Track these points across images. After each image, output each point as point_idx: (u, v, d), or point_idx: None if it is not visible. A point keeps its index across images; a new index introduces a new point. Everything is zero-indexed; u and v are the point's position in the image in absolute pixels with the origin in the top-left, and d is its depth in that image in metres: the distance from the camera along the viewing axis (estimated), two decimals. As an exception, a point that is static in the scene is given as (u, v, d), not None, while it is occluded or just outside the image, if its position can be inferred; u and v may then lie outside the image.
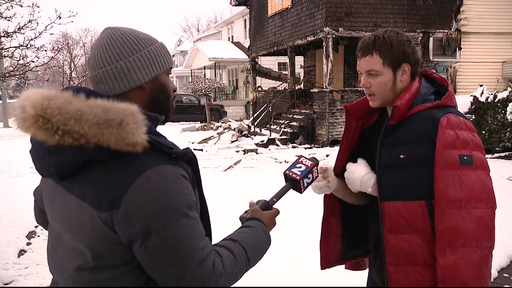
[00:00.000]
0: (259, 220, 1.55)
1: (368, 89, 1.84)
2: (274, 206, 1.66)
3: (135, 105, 1.31)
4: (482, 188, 1.67)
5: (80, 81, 41.23)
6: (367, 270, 2.19)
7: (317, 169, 1.81)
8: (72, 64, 46.82)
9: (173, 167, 1.30)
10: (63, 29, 52.95)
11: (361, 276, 2.33)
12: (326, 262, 2.17)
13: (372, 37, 1.79)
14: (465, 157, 1.67)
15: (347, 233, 2.14)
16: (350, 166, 1.93)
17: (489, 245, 1.66)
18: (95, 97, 1.30)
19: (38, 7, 7.08)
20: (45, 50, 7.68)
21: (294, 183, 1.74)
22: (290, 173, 1.75)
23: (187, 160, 1.38)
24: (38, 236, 6.11)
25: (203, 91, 32.39)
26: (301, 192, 1.75)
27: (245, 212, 1.61)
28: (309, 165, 1.77)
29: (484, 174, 1.70)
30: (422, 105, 1.77)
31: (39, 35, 7.04)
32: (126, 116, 1.26)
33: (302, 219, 6.18)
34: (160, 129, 1.46)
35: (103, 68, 1.37)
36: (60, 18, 6.99)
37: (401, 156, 1.73)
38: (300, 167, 1.77)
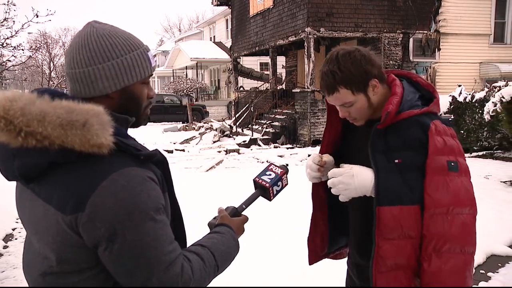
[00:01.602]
0: (228, 226, 1.53)
1: (349, 117, 1.83)
2: (243, 212, 1.65)
3: (101, 106, 1.27)
4: (466, 194, 1.69)
5: (60, 81, 40.69)
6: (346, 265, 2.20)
7: (286, 177, 1.78)
8: (52, 64, 46.22)
9: (140, 169, 1.27)
10: (42, 28, 52.10)
11: (342, 266, 2.33)
12: (315, 257, 2.18)
13: (329, 73, 1.73)
14: (452, 163, 1.69)
15: (333, 227, 2.15)
16: (348, 170, 1.79)
17: (472, 250, 1.69)
18: (60, 99, 1.26)
19: (14, 5, 6.96)
20: (22, 49, 7.56)
21: (263, 190, 1.72)
22: (260, 180, 1.73)
23: (156, 162, 1.35)
24: (16, 239, 6.01)
25: (185, 91, 32.24)
26: (270, 200, 1.73)
27: (214, 218, 1.59)
28: (279, 172, 1.75)
29: (467, 180, 1.72)
30: (410, 111, 1.75)
31: (16, 33, 6.92)
32: (90, 117, 1.23)
33: (288, 217, 6.19)
34: (141, 130, 1.43)
35: (73, 69, 1.34)
36: (37, 17, 6.88)
37: (396, 161, 1.72)
38: (270, 174, 1.74)
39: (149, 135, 18.23)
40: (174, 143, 16.11)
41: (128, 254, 1.22)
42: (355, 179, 1.75)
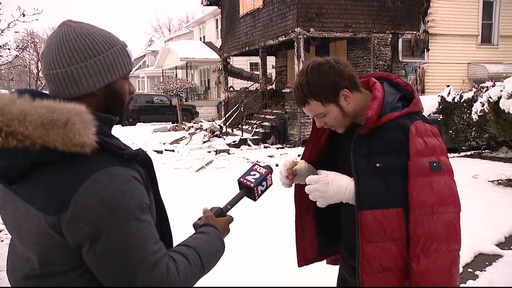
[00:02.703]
0: (214, 227, 1.52)
1: (326, 126, 1.87)
2: (229, 213, 1.65)
3: (83, 105, 1.26)
4: (449, 192, 1.72)
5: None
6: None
7: (271, 177, 1.79)
8: (39, 64, 45.79)
9: (124, 168, 1.26)
10: (29, 27, 51.65)
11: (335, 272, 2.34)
12: (304, 259, 2.18)
13: (299, 86, 1.78)
14: (434, 164, 1.71)
15: (323, 230, 2.14)
16: (323, 177, 1.81)
17: (457, 248, 1.72)
18: (41, 99, 1.24)
19: (0, 3, 6.87)
20: (9, 49, 7.47)
21: (248, 190, 1.73)
22: (244, 181, 1.73)
23: (140, 162, 1.35)
24: (2, 241, 5.97)
25: (174, 91, 32.14)
26: (255, 200, 1.74)
27: (199, 219, 1.59)
28: (263, 172, 1.76)
29: (450, 178, 1.75)
30: (391, 114, 1.76)
31: (1, 32, 6.83)
32: (72, 116, 1.22)
33: (275, 216, 6.20)
34: (131, 130, 1.42)
35: (53, 70, 1.32)
36: (24, 16, 6.80)
37: (377, 165, 1.74)
38: (255, 174, 1.76)
39: (139, 136, 18.16)
40: (164, 144, 16.05)
41: (112, 254, 1.20)
42: (330, 187, 1.78)
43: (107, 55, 1.35)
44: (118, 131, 20.20)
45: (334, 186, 1.78)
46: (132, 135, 17.64)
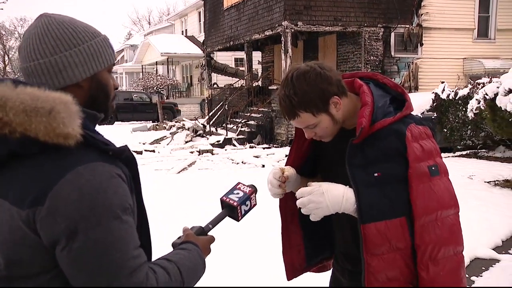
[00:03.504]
0: (195, 244, 1.50)
1: (315, 137, 1.86)
2: (210, 233, 1.64)
3: (69, 95, 1.25)
4: (449, 195, 1.76)
5: (17, 76, 39.85)
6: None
7: (255, 196, 1.78)
8: (7, 57, 45.18)
9: (108, 165, 1.25)
10: (-9, 17, 50.67)
11: (326, 278, 2.34)
12: (292, 272, 2.17)
13: (287, 100, 1.74)
14: (433, 167, 1.74)
15: (310, 238, 2.14)
16: (317, 188, 1.77)
17: (461, 249, 1.78)
18: (24, 86, 1.23)
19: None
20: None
21: (231, 210, 1.71)
22: (227, 199, 1.72)
23: (125, 161, 1.33)
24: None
25: (155, 88, 31.97)
26: (238, 220, 1.73)
27: (178, 238, 1.57)
28: (247, 191, 1.75)
29: (447, 179, 1.78)
30: (383, 120, 1.76)
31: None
32: (57, 104, 1.21)
33: (263, 223, 6.20)
34: (108, 129, 1.40)
35: (35, 60, 1.31)
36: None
37: (376, 174, 1.74)
38: (238, 193, 1.74)
39: (117, 135, 18.04)
40: (144, 144, 15.98)
41: (88, 255, 1.17)
42: (325, 197, 1.75)
43: (91, 44, 1.36)
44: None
45: (330, 195, 1.75)
46: (110, 135, 17.41)
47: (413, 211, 1.72)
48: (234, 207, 1.70)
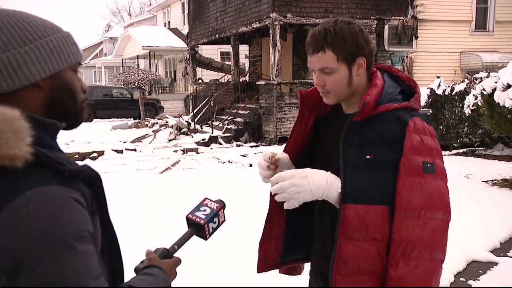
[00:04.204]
0: (160, 268, 1.44)
1: (322, 87, 1.86)
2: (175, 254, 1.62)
3: (16, 110, 1.16)
4: (440, 198, 1.75)
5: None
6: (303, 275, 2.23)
7: (223, 212, 1.76)
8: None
9: (63, 188, 1.17)
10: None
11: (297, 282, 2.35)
12: (264, 265, 2.17)
13: (322, 31, 1.79)
14: (428, 165, 1.74)
15: (290, 234, 2.15)
16: (299, 171, 1.81)
17: (441, 258, 1.75)
18: None
19: None
20: None
21: (198, 228, 1.69)
22: (193, 217, 1.69)
23: (86, 180, 1.27)
24: None
25: (136, 84, 31.90)
26: (206, 239, 1.71)
27: (141, 262, 1.54)
28: (214, 207, 1.73)
29: (443, 184, 1.78)
30: (389, 104, 1.80)
31: None
32: (0, 122, 1.13)
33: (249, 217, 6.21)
34: (87, 127, 1.35)
35: None
36: None
37: (368, 157, 1.76)
38: (205, 210, 1.72)
39: (96, 133, 17.96)
40: (125, 142, 15.91)
41: None
42: (309, 180, 1.76)
43: (50, 40, 1.28)
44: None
45: (314, 179, 1.77)
46: (88, 133, 17.42)
47: (396, 202, 1.73)
48: (201, 225, 1.67)
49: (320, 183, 1.77)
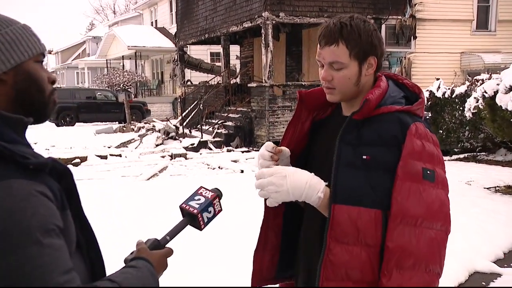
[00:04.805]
0: (146, 260, 1.46)
1: (329, 82, 1.86)
2: (168, 245, 1.63)
3: None
4: (440, 207, 1.74)
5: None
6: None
7: (219, 201, 1.78)
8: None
9: (27, 181, 1.19)
10: None
11: None
12: (259, 278, 2.14)
13: (338, 24, 1.81)
14: (428, 171, 1.74)
15: (287, 245, 2.13)
16: (281, 169, 1.84)
17: (438, 271, 1.74)
18: None
19: None
20: None
21: (191, 218, 1.70)
22: (187, 207, 1.71)
23: (54, 174, 1.29)
24: None
25: (121, 86, 31.80)
26: (200, 229, 1.72)
27: (131, 253, 1.55)
28: (209, 196, 1.75)
29: (444, 193, 1.78)
30: (391, 106, 1.82)
31: None
32: None
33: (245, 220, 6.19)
34: (68, 131, 1.37)
35: None
36: None
37: (364, 157, 1.77)
38: (199, 199, 1.73)
39: (78, 138, 17.90)
40: (109, 147, 15.87)
41: None
42: (287, 180, 1.79)
43: (6, 32, 1.30)
44: (52, 133, 19.63)
45: (292, 179, 1.79)
46: (70, 138, 17.34)
47: (391, 208, 1.73)
48: (195, 215, 1.69)
49: (298, 184, 1.79)
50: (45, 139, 16.68)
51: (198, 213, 1.69)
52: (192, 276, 4.80)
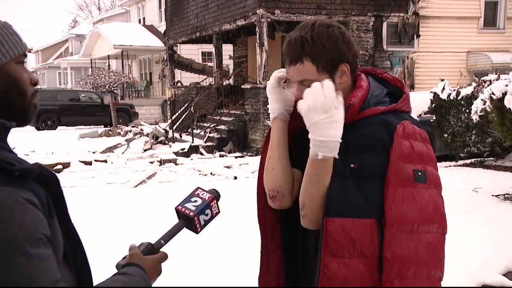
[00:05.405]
0: (138, 266, 1.47)
1: None
2: (162, 249, 1.63)
3: None
4: (434, 209, 1.77)
5: None
6: None
7: (217, 203, 1.78)
8: None
9: (13, 189, 1.20)
10: None
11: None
12: None
13: (299, 39, 1.79)
14: (419, 173, 1.76)
15: (291, 263, 2.12)
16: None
17: (439, 276, 1.77)
18: None
19: None
20: None
21: (187, 221, 1.71)
22: (183, 209, 1.71)
23: (40, 180, 1.29)
24: None
25: (107, 87, 31.79)
26: (197, 232, 1.72)
27: (123, 258, 1.56)
28: (206, 198, 1.75)
29: (437, 193, 1.80)
30: (375, 108, 1.82)
31: None
32: None
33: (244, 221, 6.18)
34: (49, 135, 1.37)
35: None
36: None
37: (352, 165, 1.78)
38: (196, 201, 1.74)
39: (61, 143, 17.83)
40: (94, 153, 15.84)
41: None
42: (310, 93, 1.76)
43: None
44: (32, 137, 19.59)
45: (310, 94, 1.77)
46: (52, 142, 17.26)
47: (386, 216, 1.74)
48: (191, 218, 1.69)
49: (316, 96, 1.73)
50: (25, 143, 16.60)
51: (195, 215, 1.69)
52: (186, 283, 4.79)
